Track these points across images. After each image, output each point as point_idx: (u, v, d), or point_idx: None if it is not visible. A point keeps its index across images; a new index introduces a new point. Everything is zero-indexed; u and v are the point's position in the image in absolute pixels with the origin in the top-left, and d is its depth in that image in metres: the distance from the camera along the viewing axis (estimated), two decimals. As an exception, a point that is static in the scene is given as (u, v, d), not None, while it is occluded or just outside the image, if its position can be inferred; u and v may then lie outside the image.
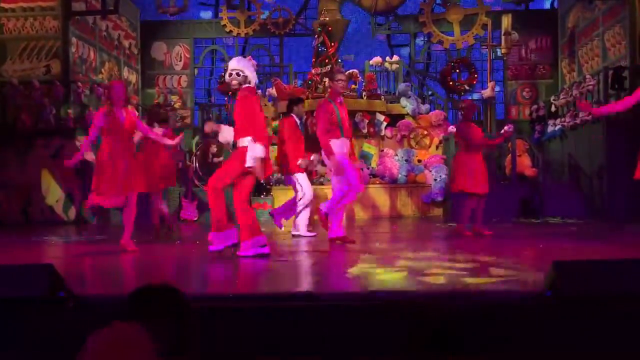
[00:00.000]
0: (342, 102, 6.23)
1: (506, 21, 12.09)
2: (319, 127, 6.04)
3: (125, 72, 13.54)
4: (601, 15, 11.53)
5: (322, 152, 6.15)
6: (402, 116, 12.05)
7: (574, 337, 2.82)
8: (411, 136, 11.68)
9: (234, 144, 5.15)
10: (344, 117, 6.13)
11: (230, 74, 5.05)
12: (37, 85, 10.54)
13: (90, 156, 6.08)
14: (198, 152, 11.63)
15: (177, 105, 14.17)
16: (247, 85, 5.05)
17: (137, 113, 6.20)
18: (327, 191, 9.24)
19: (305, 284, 4.10)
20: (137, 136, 6.15)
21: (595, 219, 9.01)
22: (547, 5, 14.68)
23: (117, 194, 5.57)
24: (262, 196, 10.89)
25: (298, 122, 7.11)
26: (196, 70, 14.87)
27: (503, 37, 12.15)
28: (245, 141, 4.90)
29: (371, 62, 13.11)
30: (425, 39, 14.65)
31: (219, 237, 4.98)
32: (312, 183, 8.04)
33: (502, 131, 7.52)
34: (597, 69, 11.49)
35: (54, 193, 10.30)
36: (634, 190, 8.97)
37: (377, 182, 11.07)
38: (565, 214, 9.57)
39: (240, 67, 5.04)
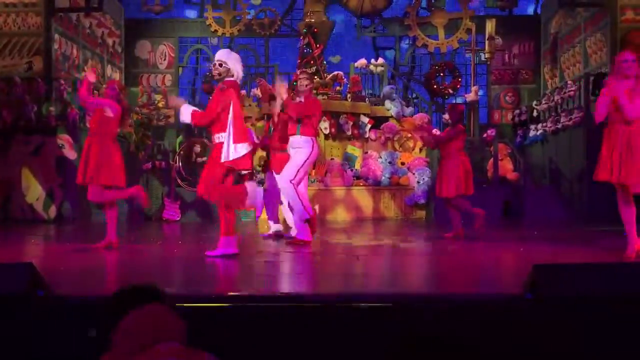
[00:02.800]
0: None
1: (490, 26, 12.20)
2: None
3: (109, 70, 13.43)
4: (583, 22, 11.67)
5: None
6: (386, 119, 12.08)
7: (554, 339, 2.85)
8: (395, 139, 11.73)
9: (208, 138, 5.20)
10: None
11: (214, 64, 5.01)
12: (19, 81, 10.41)
13: (72, 154, 6.03)
14: (181, 152, 11.57)
15: (160, 105, 14.09)
16: (229, 78, 4.97)
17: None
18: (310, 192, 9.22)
19: (297, 285, 4.10)
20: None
21: (576, 222, 9.11)
22: (531, 11, 14.83)
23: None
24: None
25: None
26: (180, 70, 14.80)
27: (487, 42, 12.26)
28: (222, 137, 4.85)
29: (356, 64, 13.14)
30: (410, 42, 14.73)
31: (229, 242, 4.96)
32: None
33: (485, 135, 7.58)
34: (578, 75, 11.64)
35: (34, 191, 10.17)
36: (614, 194, 9.09)
37: (361, 183, 11.10)
38: (546, 218, 9.68)
39: (224, 59, 4.99)
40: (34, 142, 10.17)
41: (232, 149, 4.79)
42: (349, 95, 12.09)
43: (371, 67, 13.13)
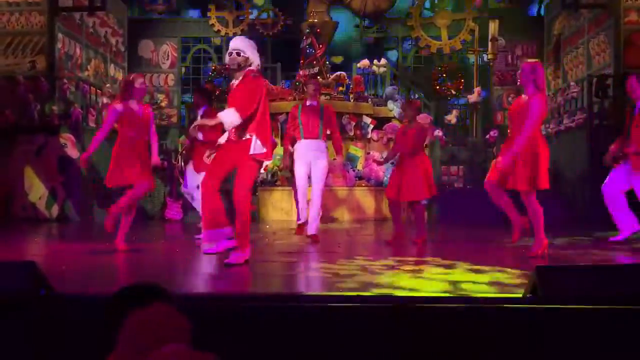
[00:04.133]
0: (311, 105, 6.75)
1: (493, 27, 12.19)
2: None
3: (112, 70, 13.44)
4: (586, 24, 11.66)
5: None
6: (388, 119, 12.08)
7: (556, 342, 2.85)
8: (397, 139, 11.72)
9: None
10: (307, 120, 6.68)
11: (230, 53, 4.60)
12: (22, 80, 10.43)
13: (74, 153, 6.03)
14: (184, 152, 11.57)
15: (163, 104, 14.11)
16: (249, 68, 4.60)
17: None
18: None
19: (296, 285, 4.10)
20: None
21: (577, 225, 9.10)
22: (534, 12, 14.81)
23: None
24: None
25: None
26: (183, 69, 14.81)
27: (490, 43, 12.24)
28: (248, 135, 4.52)
29: (359, 64, 13.15)
30: (413, 43, 14.72)
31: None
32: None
33: (487, 136, 7.56)
34: (581, 76, 11.62)
35: (36, 190, 10.19)
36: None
37: (363, 184, 11.10)
38: (547, 220, 9.64)
39: (242, 47, 4.60)
40: (37, 141, 10.19)
41: (259, 144, 4.52)
42: (351, 96, 12.09)
43: (374, 67, 13.14)
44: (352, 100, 11.98)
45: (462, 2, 14.08)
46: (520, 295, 3.18)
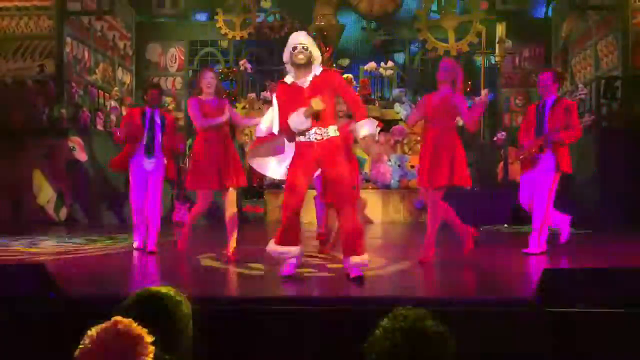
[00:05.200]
0: None
1: (500, 29, 12.15)
2: None
3: (120, 73, 13.50)
4: (594, 26, 11.61)
5: None
6: (395, 122, 12.06)
7: (564, 345, 2.84)
8: (404, 142, 11.71)
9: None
10: None
11: (295, 47, 4.33)
12: (31, 84, 10.50)
13: (82, 156, 6.05)
14: (191, 155, 11.61)
15: (171, 107, 14.15)
16: (314, 64, 4.38)
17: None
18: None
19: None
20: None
21: (586, 227, 9.05)
22: (542, 14, 14.76)
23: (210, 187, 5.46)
24: (253, 199, 10.86)
25: None
26: (191, 73, 14.86)
27: (497, 45, 12.21)
28: (333, 130, 4.29)
29: (365, 67, 13.14)
30: (420, 45, 14.70)
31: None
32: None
33: (495, 138, 7.52)
34: (589, 78, 11.57)
35: (45, 193, 10.24)
36: (625, 199, 9.04)
37: (370, 187, 11.09)
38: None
39: (308, 42, 4.37)
40: (46, 145, 10.24)
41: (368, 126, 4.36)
42: (358, 98, 12.08)
43: (381, 70, 13.13)
44: (359, 103, 11.96)
45: (470, 4, 14.06)
46: (530, 298, 3.17)
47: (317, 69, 4.35)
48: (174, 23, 14.65)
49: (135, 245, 6.05)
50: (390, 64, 13.41)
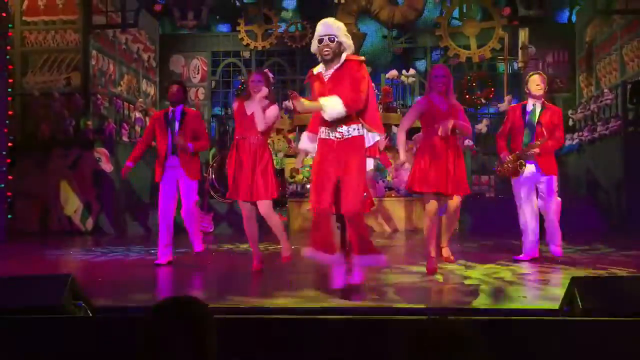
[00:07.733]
0: None
1: (523, 35, 12.06)
2: None
3: (144, 85, 13.69)
4: (619, 30, 11.46)
5: None
6: (418, 129, 11.99)
7: (592, 354, 2.79)
8: (427, 149, 11.65)
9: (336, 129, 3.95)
10: None
11: (321, 40, 3.93)
12: (57, 96, 10.70)
13: (108, 167, 6.10)
14: (214, 164, 11.70)
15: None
16: (346, 53, 3.96)
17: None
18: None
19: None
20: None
21: (614, 234, 8.91)
22: (565, 20, 14.62)
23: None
24: (276, 208, 10.86)
25: None
26: (213, 83, 15.01)
27: (520, 51, 12.12)
28: (357, 129, 3.96)
29: (387, 75, 13.13)
30: (442, 53, 14.65)
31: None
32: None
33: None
34: (615, 83, 11.42)
35: (72, 203, 10.41)
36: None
37: (393, 195, 11.05)
38: (582, 229, 9.46)
39: (335, 32, 3.91)
40: (72, 156, 10.43)
41: (371, 137, 4.05)
42: (380, 107, 12.08)
43: (402, 77, 13.11)
44: (381, 111, 11.96)
45: (492, 10, 13.98)
46: (557, 307, 3.12)
47: (342, 58, 3.94)
48: (197, 35, 14.83)
49: (157, 261, 5.72)
50: (411, 71, 13.38)
